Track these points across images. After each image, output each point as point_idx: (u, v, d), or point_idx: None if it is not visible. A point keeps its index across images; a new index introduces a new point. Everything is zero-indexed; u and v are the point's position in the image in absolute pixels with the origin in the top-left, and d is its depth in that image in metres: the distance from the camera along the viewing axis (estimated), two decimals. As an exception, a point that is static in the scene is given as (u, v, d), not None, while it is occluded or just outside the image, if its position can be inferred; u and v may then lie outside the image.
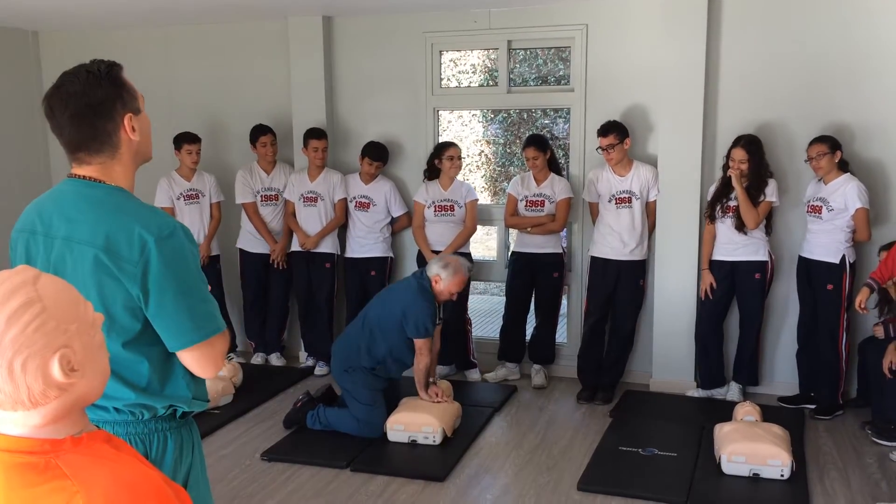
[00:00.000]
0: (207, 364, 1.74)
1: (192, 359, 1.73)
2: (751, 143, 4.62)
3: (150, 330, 1.71)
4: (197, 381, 1.82)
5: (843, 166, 4.53)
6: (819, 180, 4.59)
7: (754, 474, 3.76)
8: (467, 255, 5.32)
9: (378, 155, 5.37)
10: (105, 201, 1.71)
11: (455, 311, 5.17)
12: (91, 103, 1.69)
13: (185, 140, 5.45)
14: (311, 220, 5.48)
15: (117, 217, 1.68)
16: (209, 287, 1.78)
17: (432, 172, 5.32)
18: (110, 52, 5.55)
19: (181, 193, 5.52)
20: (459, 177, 5.40)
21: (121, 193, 1.74)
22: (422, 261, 5.28)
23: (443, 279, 4.30)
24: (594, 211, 5.12)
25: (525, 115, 9.61)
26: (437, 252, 5.19)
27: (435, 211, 5.26)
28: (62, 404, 1.12)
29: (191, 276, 1.70)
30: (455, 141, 5.47)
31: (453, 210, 5.25)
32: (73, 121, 1.69)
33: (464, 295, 5.25)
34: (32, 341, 1.07)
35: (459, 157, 5.24)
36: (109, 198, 1.72)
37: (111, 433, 1.66)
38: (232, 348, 5.80)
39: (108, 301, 1.66)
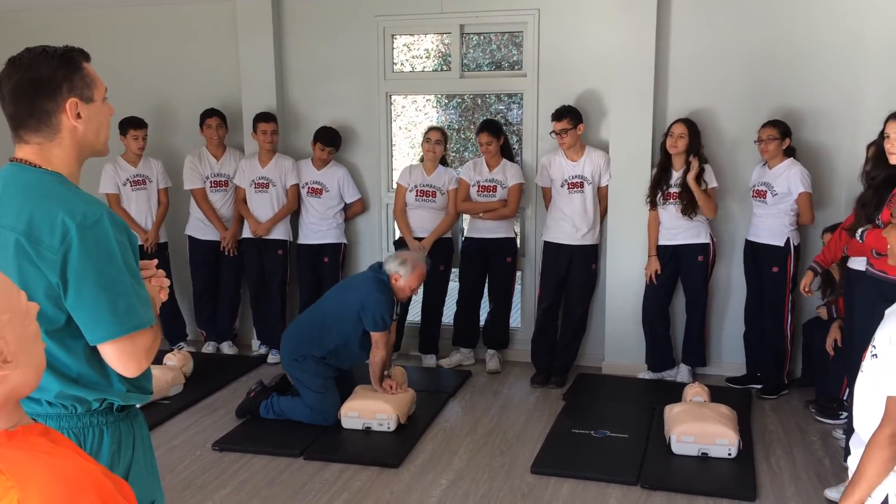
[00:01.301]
0: (128, 361, 1.64)
1: (112, 354, 1.64)
2: (690, 122, 4.73)
3: None
4: None
5: (789, 152, 4.63)
6: (763, 164, 4.68)
7: (703, 454, 3.84)
8: (449, 241, 5.31)
9: (330, 140, 5.31)
10: (34, 185, 1.65)
11: (435, 297, 5.26)
12: (33, 78, 1.64)
13: (130, 125, 5.32)
14: (263, 207, 5.40)
15: (43, 202, 1.62)
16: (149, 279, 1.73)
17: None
18: (52, 34, 5.35)
19: (127, 179, 5.40)
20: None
21: (54, 178, 1.68)
22: (402, 246, 5.26)
23: (402, 276, 4.27)
24: (547, 196, 5.14)
25: (479, 101, 9.60)
26: (418, 239, 5.17)
27: (416, 195, 5.23)
28: (-6, 397, 1.08)
29: (114, 268, 1.62)
30: (440, 126, 5.43)
31: (435, 196, 5.21)
32: (12, 94, 1.65)
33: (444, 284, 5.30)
34: (-39, 332, 1.02)
35: (438, 142, 5.19)
36: (40, 182, 1.66)
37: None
38: (182, 337, 5.70)
39: (30, 289, 1.59)
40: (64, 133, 1.69)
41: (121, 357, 1.64)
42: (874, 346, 1.90)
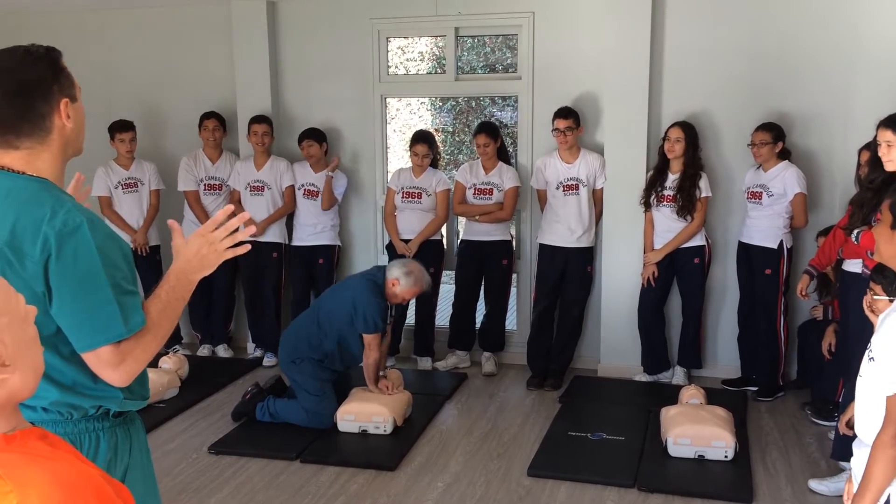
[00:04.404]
0: (112, 370, 1.60)
1: (95, 363, 1.60)
2: (687, 126, 4.74)
3: None
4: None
5: (784, 154, 4.64)
6: (758, 168, 4.69)
7: (699, 456, 3.84)
8: (438, 243, 5.30)
9: (308, 133, 5.27)
10: (17, 192, 1.61)
11: (428, 300, 5.22)
12: (26, 81, 1.61)
13: (116, 129, 5.32)
14: (258, 210, 5.38)
15: (24, 210, 1.58)
16: (140, 283, 1.69)
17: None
18: (43, 36, 5.30)
19: (119, 182, 5.39)
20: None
21: (38, 184, 1.64)
22: (391, 249, 5.25)
23: (401, 284, 4.26)
24: (542, 198, 5.15)
25: (473, 104, 9.61)
26: (405, 241, 5.16)
27: (402, 197, 5.22)
28: (-8, 401, 1.07)
29: (94, 276, 1.58)
30: (429, 131, 5.41)
31: (420, 197, 5.20)
32: (5, 97, 1.60)
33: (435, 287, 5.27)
34: (-41, 336, 1.02)
35: (426, 156, 5.17)
36: (23, 189, 1.62)
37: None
38: (177, 340, 5.68)
39: None
40: (54, 134, 1.66)
41: (104, 366, 1.61)
42: (871, 350, 1.92)
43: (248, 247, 1.77)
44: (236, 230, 1.74)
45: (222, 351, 5.67)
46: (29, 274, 1.57)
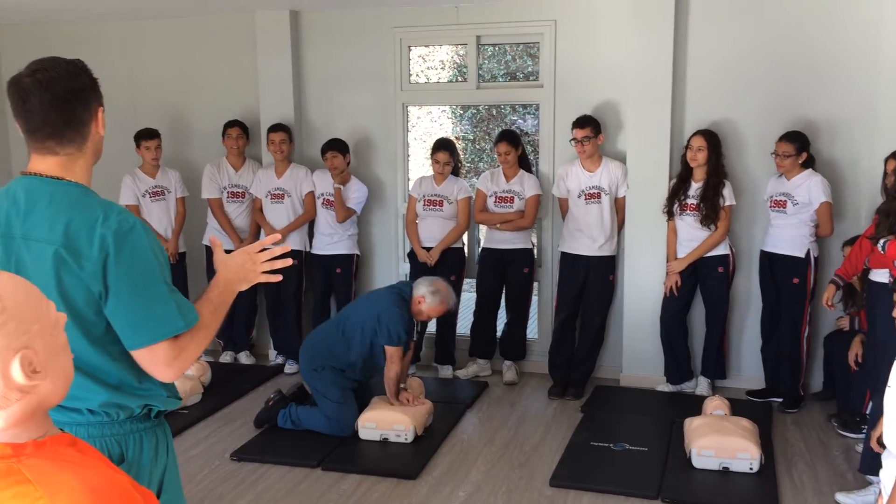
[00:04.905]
0: (166, 366, 1.66)
1: (150, 359, 1.65)
2: (709, 134, 4.70)
3: None
4: None
5: (808, 162, 4.59)
6: (780, 176, 4.65)
7: (724, 468, 3.79)
8: (459, 250, 5.30)
9: (329, 145, 5.24)
10: (62, 197, 1.67)
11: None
12: (74, 89, 1.67)
13: (142, 137, 5.38)
14: (279, 218, 5.41)
15: (75, 213, 1.64)
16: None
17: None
18: (71, 45, 5.43)
19: (146, 191, 5.44)
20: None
21: (79, 189, 1.70)
22: (413, 257, 5.25)
23: (427, 302, 4.27)
24: (564, 206, 5.13)
25: (494, 112, 9.62)
26: (426, 248, 5.16)
27: (424, 205, 5.23)
28: (24, 407, 1.08)
29: (150, 273, 1.65)
30: (450, 139, 5.41)
31: (442, 205, 5.20)
32: (53, 104, 1.65)
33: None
34: (-8, 343, 1.02)
35: (447, 163, 5.17)
36: (66, 194, 1.68)
37: (82, 436, 1.63)
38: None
39: (72, 299, 1.62)
40: (89, 142, 1.73)
41: (158, 362, 1.66)
42: None
43: (279, 277, 1.87)
44: (278, 257, 1.89)
45: (244, 358, 5.69)
46: (87, 274, 1.61)
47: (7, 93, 1.68)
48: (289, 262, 1.94)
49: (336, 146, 5.28)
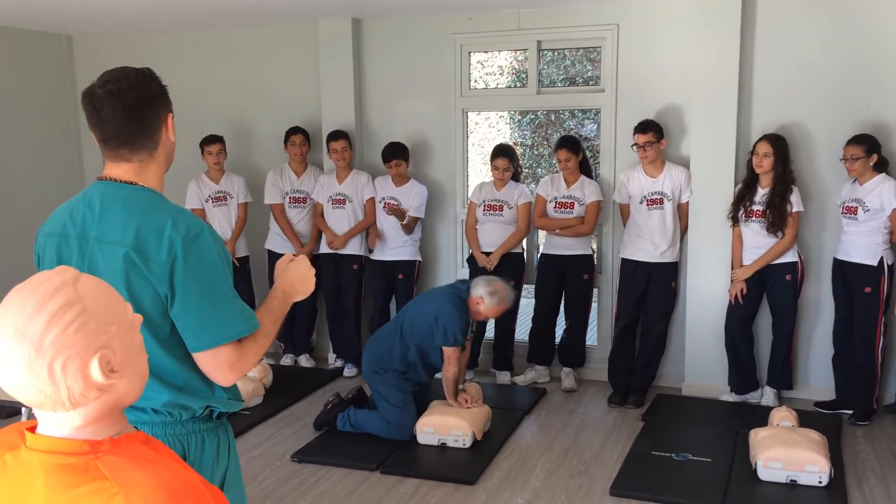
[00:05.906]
0: (228, 369, 1.69)
1: (212, 362, 1.68)
2: (776, 139, 4.58)
3: None
4: None
5: (881, 166, 4.44)
6: (854, 181, 4.50)
7: (791, 481, 3.69)
8: (519, 256, 5.29)
9: (391, 153, 5.29)
10: (135, 201, 1.72)
11: (508, 313, 5.05)
12: (144, 97, 1.72)
13: (204, 142, 5.52)
14: (340, 223, 5.48)
15: (146, 216, 1.68)
16: None
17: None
18: (142, 55, 5.60)
19: (209, 196, 5.56)
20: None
21: (151, 194, 1.75)
22: (472, 262, 5.26)
23: (485, 303, 4.26)
24: (625, 212, 5.06)
25: (553, 117, 9.57)
26: (486, 253, 5.17)
27: (484, 210, 5.23)
28: (102, 405, 1.11)
29: (217, 278, 1.69)
30: (509, 144, 5.39)
31: (502, 210, 5.20)
32: (125, 113, 1.70)
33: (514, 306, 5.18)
34: (73, 342, 1.06)
35: (506, 169, 5.16)
36: (139, 198, 1.73)
37: (149, 434, 1.67)
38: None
39: (139, 300, 1.66)
40: (160, 148, 1.78)
41: (219, 365, 1.69)
42: None
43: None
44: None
45: (304, 361, 5.77)
46: (154, 276, 1.66)
47: (81, 104, 1.74)
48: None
49: (400, 153, 5.32)
